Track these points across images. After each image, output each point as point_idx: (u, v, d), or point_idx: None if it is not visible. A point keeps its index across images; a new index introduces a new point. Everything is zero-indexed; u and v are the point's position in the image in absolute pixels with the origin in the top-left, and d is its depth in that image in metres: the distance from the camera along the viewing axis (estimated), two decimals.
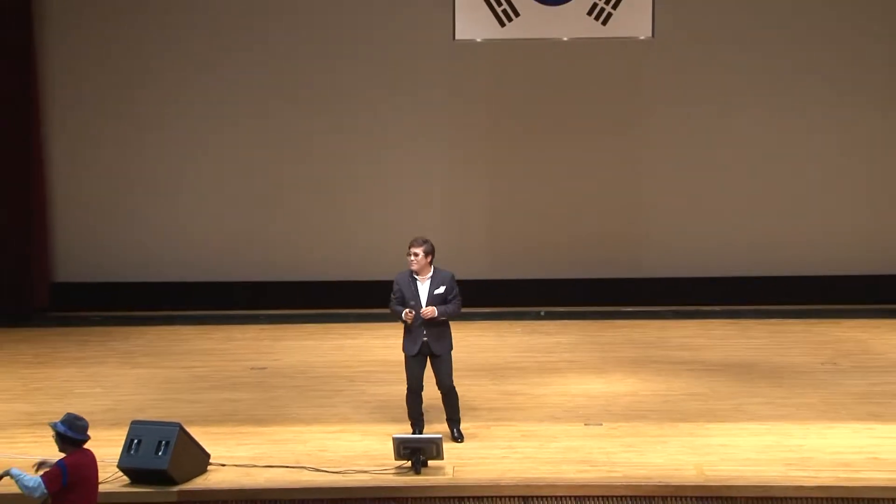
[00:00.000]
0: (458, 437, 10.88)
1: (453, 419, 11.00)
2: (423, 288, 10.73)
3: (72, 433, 9.19)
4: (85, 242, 16.37)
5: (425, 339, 10.79)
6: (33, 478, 8.91)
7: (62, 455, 9.01)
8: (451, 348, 10.96)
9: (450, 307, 10.72)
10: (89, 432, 9.15)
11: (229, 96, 16.14)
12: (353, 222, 15.99)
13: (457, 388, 11.02)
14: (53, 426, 9.26)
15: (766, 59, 15.96)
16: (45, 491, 8.90)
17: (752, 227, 16.03)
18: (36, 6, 16.00)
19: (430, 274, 10.76)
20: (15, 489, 9.04)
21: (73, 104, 16.24)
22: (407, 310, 10.66)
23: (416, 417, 10.94)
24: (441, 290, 10.71)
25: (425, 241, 10.78)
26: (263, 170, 16.22)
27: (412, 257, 10.70)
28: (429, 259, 10.77)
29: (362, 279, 15.33)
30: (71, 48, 16.08)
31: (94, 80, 16.17)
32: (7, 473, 9.09)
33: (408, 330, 10.82)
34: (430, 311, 10.62)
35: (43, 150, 16.24)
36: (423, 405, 11.00)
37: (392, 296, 10.86)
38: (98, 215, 16.32)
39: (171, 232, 16.22)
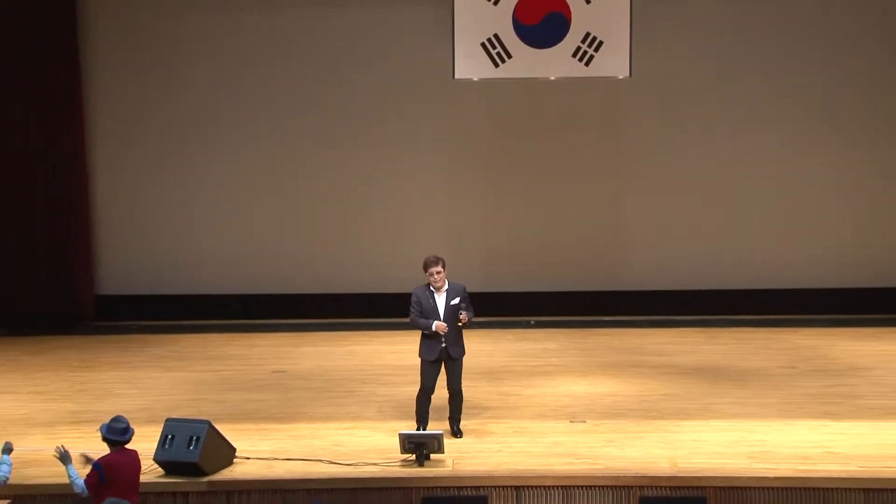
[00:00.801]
0: (457, 433, 10.90)
1: (455, 417, 11.01)
2: (441, 300, 10.76)
3: (109, 435, 9.24)
4: (126, 260, 16.39)
5: (444, 345, 10.82)
6: (79, 480, 8.96)
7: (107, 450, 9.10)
8: (464, 353, 11.01)
9: (470, 312, 10.74)
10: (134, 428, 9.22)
11: (259, 131, 16.22)
12: (363, 242, 15.99)
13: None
14: (100, 429, 9.30)
15: (732, 93, 15.97)
16: (87, 492, 8.95)
17: (720, 246, 16.07)
18: (82, 34, 16.01)
19: (446, 287, 10.83)
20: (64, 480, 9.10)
21: (115, 137, 16.26)
22: (438, 322, 10.69)
23: (423, 415, 10.94)
24: (456, 300, 10.75)
25: (441, 259, 10.82)
26: (285, 198, 16.25)
27: (437, 276, 10.72)
28: (444, 272, 10.85)
29: (371, 292, 15.35)
30: (115, 76, 16.13)
31: (137, 112, 16.23)
32: (63, 458, 9.11)
33: (427, 337, 10.84)
34: (464, 318, 10.63)
35: (89, 181, 16.23)
36: (430, 405, 11.00)
37: (412, 308, 10.86)
38: (137, 236, 16.33)
39: (203, 250, 16.23)
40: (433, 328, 10.73)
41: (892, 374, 13.24)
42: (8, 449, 9.06)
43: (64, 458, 9.05)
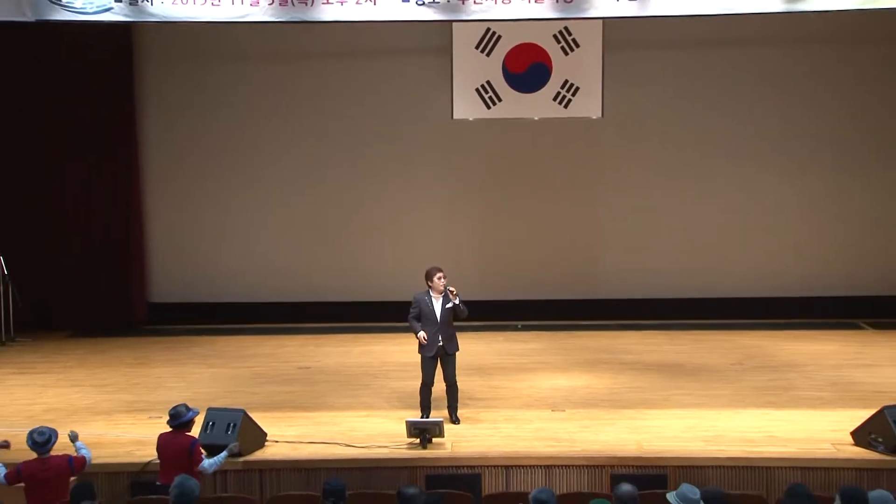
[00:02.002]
0: (455, 421, 10.98)
1: (452, 407, 11.07)
2: (437, 304, 10.88)
3: (171, 422, 9.28)
4: (173, 273, 16.41)
5: (440, 344, 10.90)
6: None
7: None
8: (458, 350, 11.06)
9: (461, 306, 10.84)
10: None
11: (285, 161, 16.23)
12: (374, 257, 16.00)
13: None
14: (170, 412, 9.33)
15: (691, 128, 16.00)
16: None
17: (679, 261, 16.04)
18: (137, 77, 16.06)
19: (452, 290, 10.89)
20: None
21: (164, 169, 16.30)
22: (423, 334, 10.80)
23: (426, 405, 11.01)
24: (450, 304, 10.84)
25: (441, 270, 10.93)
26: (309, 220, 16.24)
27: (443, 280, 10.83)
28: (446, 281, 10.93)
29: (383, 300, 15.33)
30: (164, 113, 16.15)
31: (183, 144, 16.24)
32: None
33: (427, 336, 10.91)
34: (453, 291, 10.75)
35: (142, 206, 16.27)
36: (431, 396, 11.06)
37: (411, 310, 10.98)
38: (183, 253, 16.35)
39: (238, 265, 16.20)
40: (418, 335, 10.86)
41: (823, 369, 13.30)
42: (74, 437, 9.14)
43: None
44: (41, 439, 8.72)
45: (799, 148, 15.97)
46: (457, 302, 10.83)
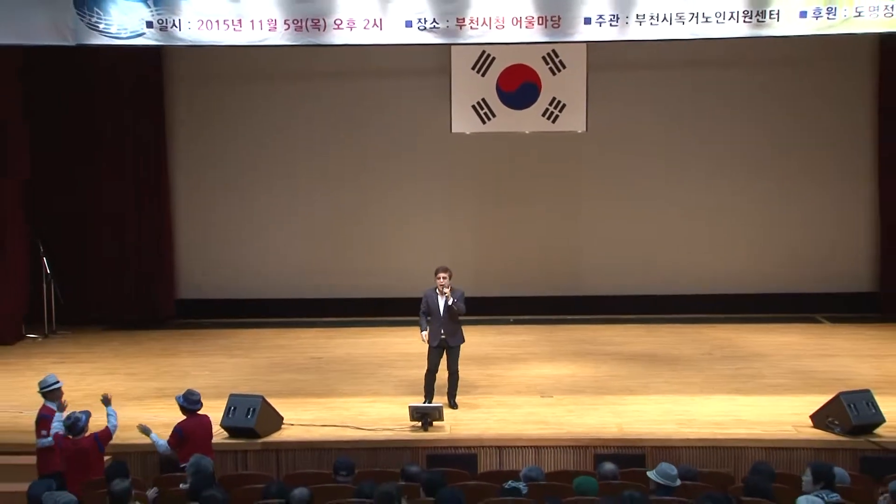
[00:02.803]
0: (453, 406, 11.01)
1: (452, 393, 11.11)
2: (441, 301, 10.90)
3: (186, 405, 9.34)
4: (199, 273, 16.46)
5: (443, 336, 10.93)
6: (161, 441, 9.06)
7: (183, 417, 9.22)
8: (463, 342, 11.09)
9: (461, 303, 10.87)
10: (203, 402, 9.36)
11: (300, 170, 16.30)
12: (381, 258, 15.99)
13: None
14: (176, 399, 9.41)
15: (665, 141, 16.01)
16: (168, 448, 9.04)
17: (656, 261, 16.06)
18: (167, 90, 16.11)
19: (448, 291, 10.89)
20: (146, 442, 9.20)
21: (191, 178, 16.37)
22: (424, 334, 10.92)
23: (429, 390, 11.05)
24: (453, 300, 10.87)
25: (447, 268, 10.96)
26: (322, 225, 16.28)
27: (444, 280, 10.86)
28: (450, 280, 10.92)
29: (387, 297, 15.37)
30: (192, 114, 16.23)
31: (208, 156, 16.31)
32: (144, 431, 9.21)
33: (432, 328, 10.95)
34: (449, 297, 10.79)
35: (171, 213, 16.31)
36: (435, 383, 11.08)
37: (421, 305, 11.05)
38: (208, 255, 16.40)
39: (257, 266, 16.25)
40: (422, 333, 10.97)
41: (787, 359, 13.32)
42: (107, 400, 9.18)
43: (144, 430, 9.20)
44: (69, 423, 8.83)
45: (762, 158, 15.98)
46: (449, 303, 10.83)
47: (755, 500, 7.55)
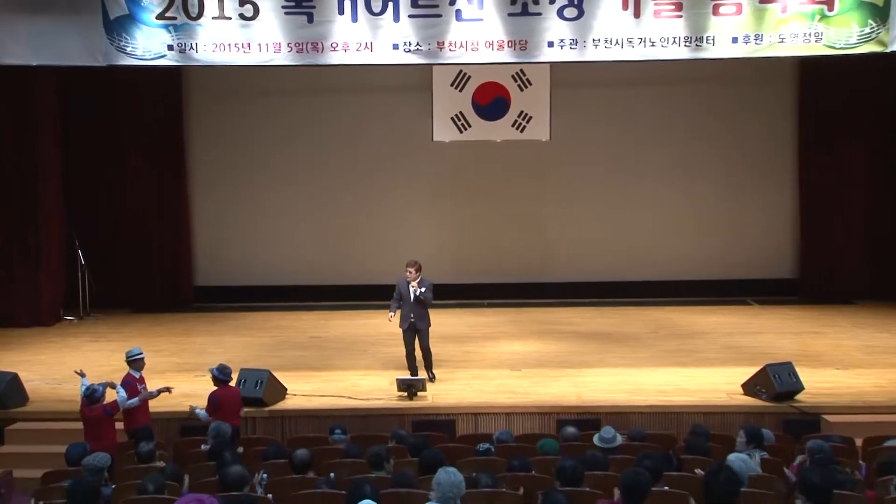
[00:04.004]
0: (431, 379, 10.94)
1: (428, 367, 11.04)
2: (411, 290, 10.79)
3: (220, 376, 9.33)
4: (214, 262, 16.36)
5: (412, 319, 10.87)
6: (204, 412, 9.07)
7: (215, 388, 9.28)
8: (429, 325, 11.00)
9: (428, 292, 10.77)
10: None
11: (302, 171, 16.22)
12: (370, 250, 15.90)
13: (432, 349, 11.08)
14: (210, 370, 9.40)
15: (620, 147, 16.00)
16: (208, 416, 9.04)
17: (610, 252, 16.05)
18: (185, 101, 16.03)
19: (419, 281, 10.86)
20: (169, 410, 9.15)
21: (207, 180, 16.26)
22: (392, 314, 10.85)
23: (412, 367, 10.98)
24: (421, 290, 10.79)
25: (416, 263, 10.89)
26: (321, 221, 16.22)
27: (411, 274, 10.80)
28: (418, 272, 10.87)
29: (378, 283, 15.11)
30: (208, 125, 16.11)
31: (223, 159, 16.19)
32: (192, 410, 9.17)
33: (402, 313, 10.88)
34: (415, 286, 10.70)
35: (190, 210, 16.21)
36: (416, 361, 11.04)
37: (394, 293, 10.97)
38: (222, 247, 16.30)
39: (264, 257, 16.18)
40: (390, 313, 10.92)
41: (721, 336, 13.40)
42: (113, 385, 9.15)
43: (192, 410, 9.19)
44: (87, 393, 8.90)
45: (700, 163, 16.02)
46: (417, 293, 10.77)
47: (694, 457, 7.57)
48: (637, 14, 10.47)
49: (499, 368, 11.72)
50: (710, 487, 5.57)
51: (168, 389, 9.38)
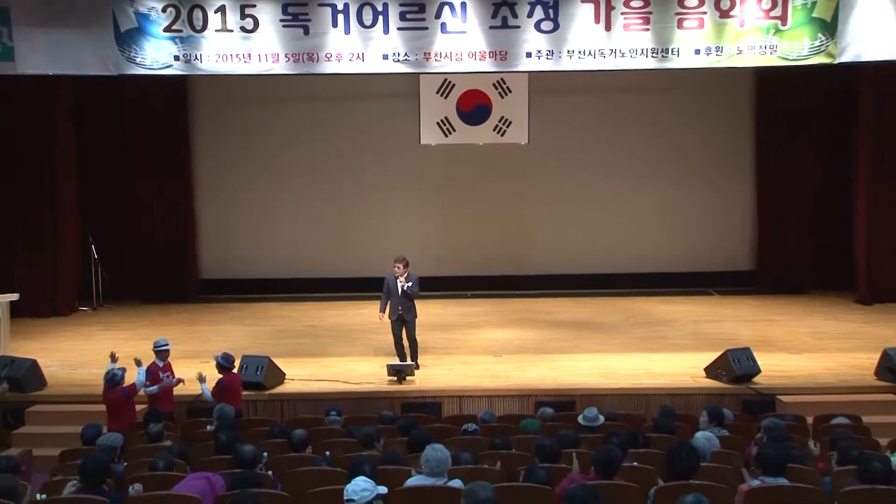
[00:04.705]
0: (416, 366, 10.81)
1: (414, 355, 10.96)
2: (398, 284, 10.78)
3: (224, 363, 9.32)
4: (217, 258, 16.30)
5: (400, 311, 10.86)
6: (208, 391, 9.09)
7: (220, 375, 9.30)
8: (416, 317, 10.98)
9: (413, 286, 10.74)
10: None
11: (299, 173, 16.12)
12: (363, 245, 15.84)
13: (419, 338, 11.04)
14: (215, 358, 9.39)
15: (593, 150, 15.98)
16: (211, 396, 9.05)
17: (585, 247, 16.06)
18: (191, 105, 15.96)
19: (406, 275, 10.85)
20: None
21: (211, 181, 16.18)
22: (381, 314, 10.79)
23: (401, 354, 10.95)
24: (408, 284, 10.78)
25: (404, 259, 10.89)
26: (317, 218, 16.15)
27: (398, 269, 10.79)
28: (405, 268, 10.86)
29: (370, 276, 15.11)
30: (211, 129, 15.99)
31: (227, 165, 16.11)
32: (200, 379, 9.23)
33: (390, 305, 10.86)
34: (403, 281, 10.68)
35: (194, 207, 16.13)
36: (404, 350, 11.02)
37: (384, 288, 10.95)
38: (225, 243, 16.23)
39: (263, 252, 16.12)
40: (379, 313, 10.87)
41: (686, 324, 13.45)
42: (138, 362, 9.19)
43: (201, 379, 9.20)
44: (107, 377, 8.97)
45: (667, 164, 16.02)
46: (405, 287, 10.76)
47: (661, 435, 7.61)
48: (608, 27, 10.53)
49: (481, 354, 11.73)
50: (671, 462, 5.63)
51: (181, 380, 9.45)
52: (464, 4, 10.55)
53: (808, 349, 11.79)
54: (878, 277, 14.67)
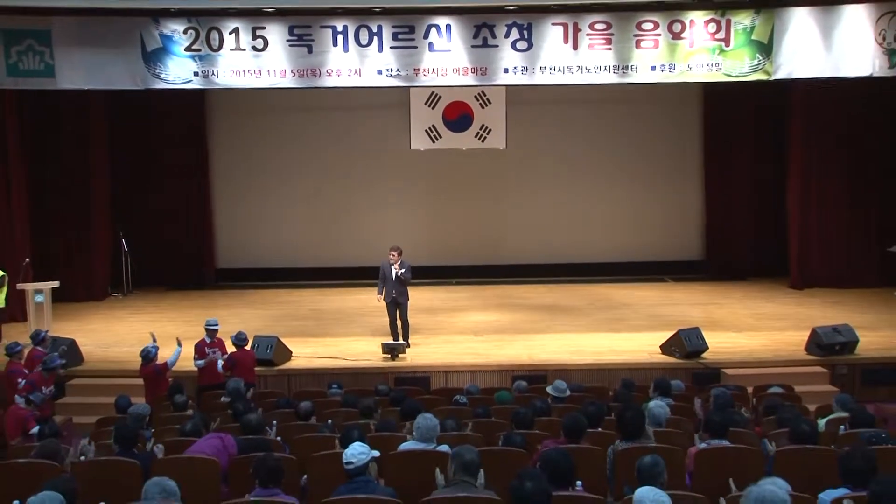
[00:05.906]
0: (407, 345, 10.83)
1: (405, 336, 10.97)
2: (393, 271, 10.80)
3: (236, 341, 9.33)
4: (231, 249, 16.19)
5: (395, 295, 10.87)
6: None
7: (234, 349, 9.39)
8: (408, 300, 10.99)
9: (406, 273, 10.74)
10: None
11: (303, 173, 16.03)
12: (361, 237, 15.73)
13: (410, 320, 11.06)
14: (231, 337, 9.40)
15: (564, 153, 15.94)
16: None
17: (556, 239, 16.00)
18: (207, 115, 15.86)
19: (399, 263, 10.86)
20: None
21: (227, 184, 16.06)
22: (379, 295, 10.77)
23: (395, 334, 10.97)
24: (402, 271, 10.79)
25: (398, 248, 10.90)
26: (321, 214, 16.04)
27: (393, 257, 10.79)
28: (399, 256, 10.87)
29: (366, 266, 15.05)
30: (226, 135, 15.90)
31: (240, 165, 15.98)
32: (179, 344, 9.34)
33: (385, 289, 10.86)
34: (397, 269, 10.66)
35: (212, 203, 16.04)
36: (398, 330, 11.02)
37: (380, 275, 10.96)
38: (239, 236, 16.12)
39: (273, 243, 16.02)
40: (378, 295, 10.87)
41: (644, 307, 13.47)
42: (179, 342, 9.26)
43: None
44: (143, 354, 9.04)
45: (628, 165, 15.98)
46: (399, 273, 10.76)
47: (623, 405, 7.66)
48: (575, 47, 10.66)
49: (465, 334, 11.76)
50: (622, 421, 5.79)
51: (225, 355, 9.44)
52: (449, 26, 10.64)
53: (749, 328, 11.89)
54: (807, 265, 14.79)
